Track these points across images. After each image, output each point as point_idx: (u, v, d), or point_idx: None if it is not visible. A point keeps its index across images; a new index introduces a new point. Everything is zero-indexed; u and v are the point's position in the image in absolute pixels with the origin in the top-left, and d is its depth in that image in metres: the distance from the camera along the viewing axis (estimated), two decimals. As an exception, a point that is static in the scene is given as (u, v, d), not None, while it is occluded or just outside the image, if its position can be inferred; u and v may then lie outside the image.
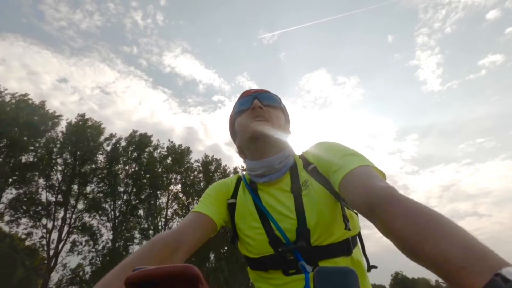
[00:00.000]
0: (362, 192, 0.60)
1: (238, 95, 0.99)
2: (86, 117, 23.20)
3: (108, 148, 23.76)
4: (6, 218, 19.19)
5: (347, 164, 0.71)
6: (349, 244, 0.78)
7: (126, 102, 56.61)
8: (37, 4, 50.66)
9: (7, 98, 19.75)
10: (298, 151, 0.97)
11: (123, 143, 24.53)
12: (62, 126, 22.23)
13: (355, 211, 0.87)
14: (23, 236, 19.96)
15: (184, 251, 0.73)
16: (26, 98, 20.47)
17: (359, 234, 0.85)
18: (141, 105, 58.83)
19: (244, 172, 0.98)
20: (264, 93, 0.93)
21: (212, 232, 0.83)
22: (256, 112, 0.86)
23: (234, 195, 0.92)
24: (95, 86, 51.36)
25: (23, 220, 19.74)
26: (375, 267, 0.83)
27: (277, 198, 0.84)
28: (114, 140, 24.21)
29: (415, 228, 0.43)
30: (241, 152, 0.96)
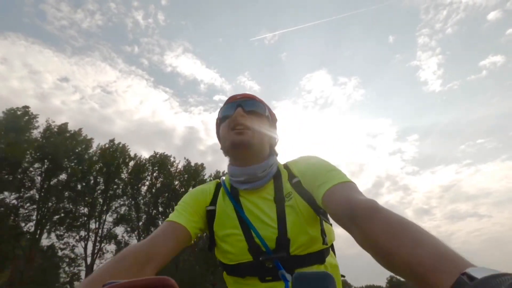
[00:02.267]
0: (345, 204, 0.63)
1: None
2: (108, 136, 26.36)
3: (131, 165, 26.92)
4: (49, 231, 22.28)
5: (330, 179, 0.73)
6: (324, 254, 0.83)
7: (127, 101, 56.16)
8: (39, 3, 49.82)
9: (51, 129, 23.00)
10: (283, 160, 0.96)
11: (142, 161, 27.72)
12: (93, 149, 25.38)
13: (331, 224, 0.92)
14: (62, 246, 23.06)
15: (156, 263, 0.71)
16: (66, 127, 23.70)
17: (332, 245, 0.91)
18: (142, 105, 58.14)
19: (224, 178, 0.98)
20: (249, 100, 0.92)
21: (186, 242, 0.82)
22: (237, 121, 0.86)
23: (213, 201, 0.91)
24: (96, 85, 50.83)
25: (61, 232, 22.85)
26: (343, 276, 0.90)
27: (259, 206, 0.85)
28: (137, 160, 27.39)
29: (392, 235, 0.48)
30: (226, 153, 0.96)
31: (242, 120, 0.86)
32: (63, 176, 23.16)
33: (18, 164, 20.61)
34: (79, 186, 23.81)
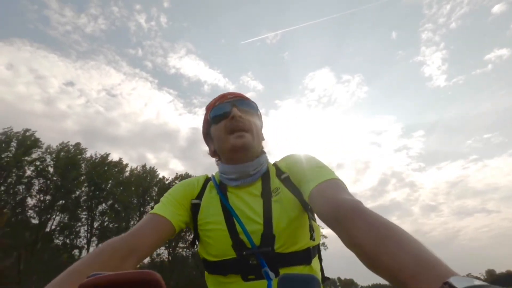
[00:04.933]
0: (330, 204, 0.62)
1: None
2: (142, 163, 30.45)
3: (160, 184, 30.98)
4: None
5: (318, 176, 0.74)
6: (309, 254, 0.81)
7: (132, 104, 56.84)
8: (43, 9, 50.79)
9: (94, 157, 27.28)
10: (272, 159, 0.96)
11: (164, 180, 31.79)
12: (127, 172, 29.60)
13: (318, 223, 0.90)
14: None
15: (138, 256, 0.69)
16: (107, 156, 28.00)
17: (318, 246, 0.88)
18: (146, 107, 59.50)
19: (214, 173, 0.96)
20: (242, 100, 0.90)
21: (169, 235, 0.80)
22: (236, 122, 0.84)
23: (200, 195, 0.90)
24: (101, 89, 51.49)
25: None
26: (328, 279, 0.87)
27: (246, 202, 0.83)
28: (164, 180, 31.51)
29: (375, 240, 0.47)
30: (214, 154, 0.96)
31: (241, 121, 0.85)
32: (105, 197, 27.38)
33: (71, 191, 24.89)
34: (117, 205, 27.96)
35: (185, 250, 30.16)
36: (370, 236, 0.48)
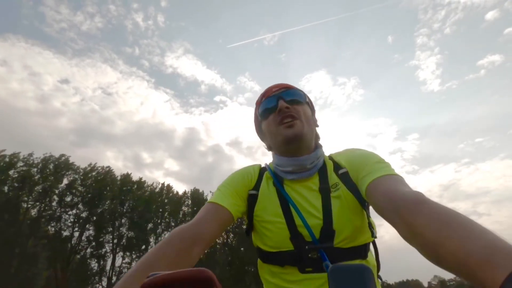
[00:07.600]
0: (389, 196, 0.61)
1: (240, 96, 1.80)
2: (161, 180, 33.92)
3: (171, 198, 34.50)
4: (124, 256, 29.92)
5: (376, 171, 0.73)
6: (366, 248, 0.82)
7: (127, 102, 58.26)
8: (38, 6, 52.55)
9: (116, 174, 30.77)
10: (326, 152, 0.95)
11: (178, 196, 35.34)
12: (147, 191, 33.10)
13: (373, 219, 0.88)
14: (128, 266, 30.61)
15: (202, 245, 0.71)
16: (129, 174, 31.52)
17: (374, 241, 0.89)
18: (143, 106, 59.78)
19: (268, 163, 0.97)
20: (288, 90, 0.91)
21: (228, 224, 0.81)
22: (283, 114, 0.85)
23: (257, 186, 0.90)
24: (97, 87, 52.16)
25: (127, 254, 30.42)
26: (379, 278, 0.90)
27: (304, 196, 0.84)
28: (176, 195, 35.08)
29: (439, 226, 0.45)
30: (270, 149, 0.97)
31: (288, 112, 0.86)
32: (127, 212, 30.88)
33: (99, 207, 28.41)
34: (137, 219, 31.45)
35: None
36: (434, 224, 0.47)
